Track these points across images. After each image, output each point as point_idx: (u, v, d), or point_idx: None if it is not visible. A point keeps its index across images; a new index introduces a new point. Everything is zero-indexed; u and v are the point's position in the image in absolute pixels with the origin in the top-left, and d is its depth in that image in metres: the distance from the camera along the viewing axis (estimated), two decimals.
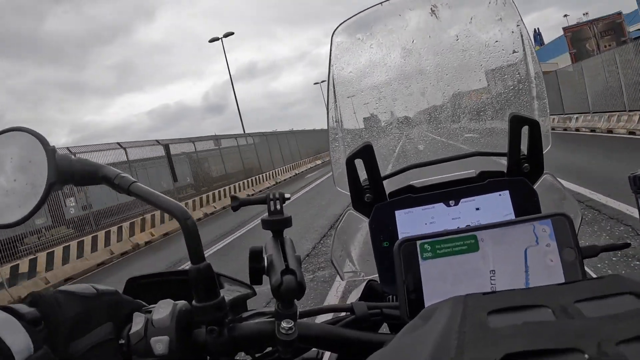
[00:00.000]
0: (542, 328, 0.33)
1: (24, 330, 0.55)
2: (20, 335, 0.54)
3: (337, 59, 1.06)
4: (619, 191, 5.86)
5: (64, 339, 0.59)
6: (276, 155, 29.50)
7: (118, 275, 9.29)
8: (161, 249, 11.68)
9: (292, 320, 0.61)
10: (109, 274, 10.10)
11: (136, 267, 10.04)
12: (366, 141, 0.96)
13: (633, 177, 0.66)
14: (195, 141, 20.70)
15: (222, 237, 10.70)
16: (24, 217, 0.67)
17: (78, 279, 10.27)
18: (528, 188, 0.91)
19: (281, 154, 30.71)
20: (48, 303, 0.59)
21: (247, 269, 0.63)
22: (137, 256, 11.73)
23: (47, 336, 0.57)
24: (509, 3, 1.00)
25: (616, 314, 0.33)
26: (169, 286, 0.83)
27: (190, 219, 0.63)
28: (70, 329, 0.60)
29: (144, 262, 10.54)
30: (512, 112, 0.93)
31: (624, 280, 0.40)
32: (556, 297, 0.38)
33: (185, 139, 20.07)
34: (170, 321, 0.62)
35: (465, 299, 0.43)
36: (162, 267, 8.83)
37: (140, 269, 9.60)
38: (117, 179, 0.68)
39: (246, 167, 24.56)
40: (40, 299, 0.60)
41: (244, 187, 21.52)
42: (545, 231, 0.61)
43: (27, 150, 0.68)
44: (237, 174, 23.36)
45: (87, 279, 10.11)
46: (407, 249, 0.62)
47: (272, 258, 0.63)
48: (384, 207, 0.94)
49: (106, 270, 10.73)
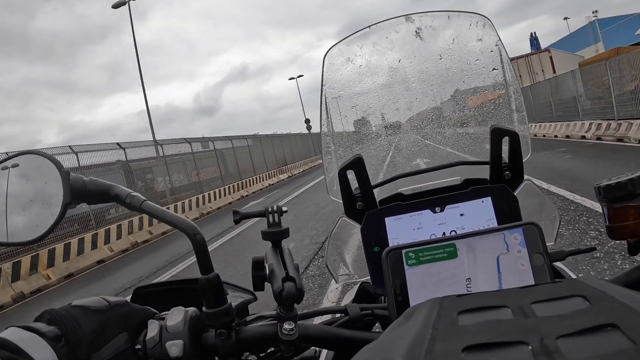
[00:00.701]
0: (500, 325, 0.40)
1: (49, 347, 0.60)
2: (47, 352, 0.59)
3: (329, 79, 1.13)
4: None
5: (85, 353, 0.64)
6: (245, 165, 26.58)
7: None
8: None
9: (292, 322, 0.68)
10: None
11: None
12: (357, 154, 1.03)
13: (598, 187, 0.70)
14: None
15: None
16: (41, 236, 0.73)
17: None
18: (509, 194, 0.98)
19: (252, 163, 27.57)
20: (66, 320, 0.64)
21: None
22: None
23: (68, 352, 0.62)
24: (488, 25, 1.07)
25: (563, 314, 0.39)
26: (173, 294, 0.90)
27: (200, 234, 0.69)
28: (89, 343, 0.65)
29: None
30: (493, 124, 0.99)
31: (578, 284, 0.46)
32: (517, 299, 0.45)
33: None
34: (183, 326, 0.69)
35: (441, 300, 0.50)
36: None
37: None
38: (128, 198, 0.73)
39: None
40: (58, 316, 0.64)
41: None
42: (517, 239, 0.68)
43: (42, 173, 0.74)
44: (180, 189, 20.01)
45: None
46: (394, 257, 0.70)
47: (272, 267, 0.70)
48: (375, 214, 1.01)
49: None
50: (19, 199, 0.74)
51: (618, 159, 10.03)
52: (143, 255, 11.57)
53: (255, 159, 28.11)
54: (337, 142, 1.19)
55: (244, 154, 26.96)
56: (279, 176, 29.62)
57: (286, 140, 37.29)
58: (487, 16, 1.06)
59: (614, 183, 0.68)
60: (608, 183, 0.68)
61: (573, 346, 0.34)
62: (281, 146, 35.02)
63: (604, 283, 0.47)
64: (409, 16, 1.10)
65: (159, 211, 0.73)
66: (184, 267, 8.54)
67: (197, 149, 22.80)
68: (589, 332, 0.35)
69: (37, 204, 0.74)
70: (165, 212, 0.73)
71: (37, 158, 0.75)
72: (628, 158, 9.96)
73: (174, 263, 9.16)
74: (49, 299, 8.93)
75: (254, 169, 26.89)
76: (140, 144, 17.91)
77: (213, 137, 24.95)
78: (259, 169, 28.02)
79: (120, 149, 16.17)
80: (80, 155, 13.81)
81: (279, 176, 29.62)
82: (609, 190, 0.68)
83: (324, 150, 1.17)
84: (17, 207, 0.74)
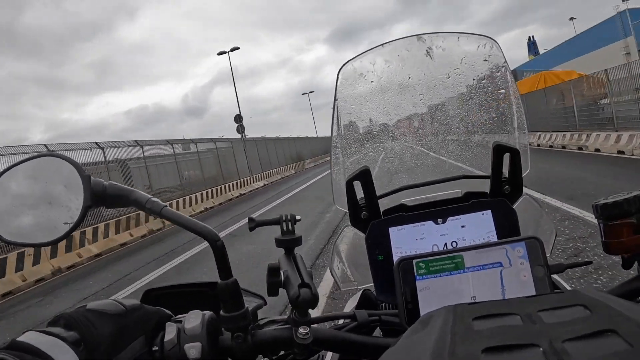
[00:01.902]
0: (512, 330, 0.45)
1: (71, 351, 0.62)
2: (69, 356, 0.61)
3: (342, 93, 1.18)
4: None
5: (105, 358, 0.66)
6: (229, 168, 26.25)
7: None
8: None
9: (307, 326, 0.72)
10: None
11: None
12: (364, 165, 1.08)
13: (596, 205, 0.75)
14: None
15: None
16: (60, 237, 0.75)
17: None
18: (508, 208, 1.03)
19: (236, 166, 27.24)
20: (83, 325, 0.66)
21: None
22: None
23: (88, 356, 0.64)
24: (495, 47, 1.14)
25: (566, 321, 0.45)
26: (183, 297, 0.93)
27: (220, 241, 0.72)
28: (108, 347, 0.66)
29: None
30: (496, 141, 1.05)
31: (579, 295, 0.52)
32: (524, 307, 0.51)
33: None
34: (201, 329, 0.71)
35: (455, 308, 0.55)
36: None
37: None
38: (148, 203, 0.75)
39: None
40: (74, 321, 0.66)
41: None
42: (520, 252, 0.75)
43: (62, 175, 0.75)
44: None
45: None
46: (405, 267, 0.75)
47: (287, 273, 0.73)
48: (379, 224, 1.06)
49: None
50: (39, 201, 0.76)
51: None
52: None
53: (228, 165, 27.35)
54: (345, 154, 1.24)
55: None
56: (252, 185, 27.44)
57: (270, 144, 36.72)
58: (495, 39, 1.12)
59: (610, 202, 0.73)
60: (605, 202, 0.73)
61: (578, 348, 0.39)
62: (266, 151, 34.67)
63: (601, 294, 0.53)
64: (421, 36, 1.16)
65: (178, 217, 0.75)
66: (190, 255, 9.44)
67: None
68: (591, 337, 0.40)
69: (57, 207, 0.75)
70: (185, 218, 0.75)
71: (57, 161, 0.77)
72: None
73: (177, 251, 9.81)
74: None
75: (222, 177, 25.40)
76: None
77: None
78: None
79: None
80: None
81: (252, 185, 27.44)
82: (606, 208, 0.73)
83: (333, 162, 1.22)
84: (37, 208, 0.76)
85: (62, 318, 0.67)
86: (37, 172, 0.77)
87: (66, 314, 0.67)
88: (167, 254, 10.22)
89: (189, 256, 9.34)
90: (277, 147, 37.94)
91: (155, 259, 9.95)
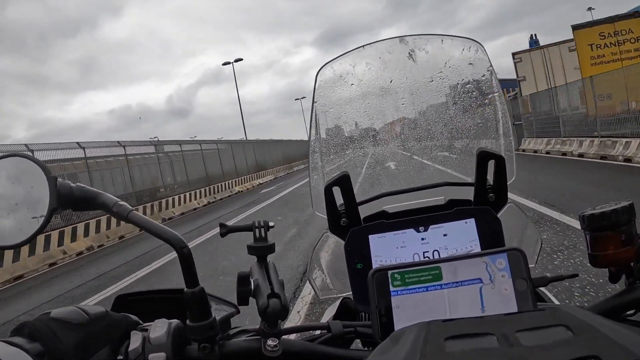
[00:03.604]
0: (486, 353, 0.44)
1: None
2: None
3: (321, 96, 1.18)
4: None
5: None
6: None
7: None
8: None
9: (276, 338, 0.71)
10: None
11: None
12: (344, 171, 1.07)
13: (583, 216, 0.73)
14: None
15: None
16: (26, 240, 0.75)
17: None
18: (492, 216, 1.03)
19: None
20: (46, 336, 0.66)
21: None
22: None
23: None
24: (480, 50, 1.14)
25: (546, 344, 0.43)
26: (156, 303, 0.92)
27: (186, 247, 0.72)
28: (72, 359, 0.66)
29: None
30: (480, 148, 1.05)
31: (561, 313, 0.51)
32: (502, 327, 0.50)
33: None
34: (166, 339, 0.71)
35: (428, 325, 0.54)
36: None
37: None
38: (115, 207, 0.75)
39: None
40: (38, 332, 0.66)
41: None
42: (501, 264, 0.72)
43: (29, 177, 0.75)
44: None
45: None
46: (379, 278, 0.73)
47: (258, 282, 0.73)
48: (359, 231, 1.05)
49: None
50: (5, 202, 0.76)
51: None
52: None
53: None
54: (324, 158, 1.24)
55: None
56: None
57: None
58: (479, 42, 1.12)
59: (598, 213, 0.71)
60: (592, 212, 0.72)
61: None
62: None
63: (584, 312, 0.51)
64: (403, 38, 1.16)
65: (145, 222, 0.75)
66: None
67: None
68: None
69: (23, 208, 0.75)
70: (151, 223, 0.75)
71: (24, 161, 0.77)
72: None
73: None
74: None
75: (188, 183, 23.92)
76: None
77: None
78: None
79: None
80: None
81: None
82: (593, 219, 0.71)
83: (312, 167, 1.22)
84: (2, 210, 0.76)
85: (26, 327, 0.67)
86: (3, 172, 0.77)
87: (30, 323, 0.67)
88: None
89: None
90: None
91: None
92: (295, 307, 5.30)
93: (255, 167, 33.29)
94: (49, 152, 14.15)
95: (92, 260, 11.71)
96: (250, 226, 0.79)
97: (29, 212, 0.75)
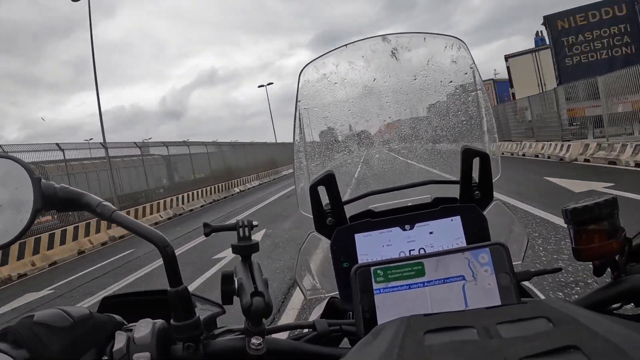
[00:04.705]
0: (465, 346, 0.45)
1: None
2: None
3: (304, 95, 1.20)
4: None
5: None
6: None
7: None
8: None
9: (260, 336, 0.73)
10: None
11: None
12: (329, 170, 1.09)
13: (566, 210, 0.75)
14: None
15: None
16: (10, 241, 0.76)
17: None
18: (478, 214, 1.05)
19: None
20: (31, 342, 0.67)
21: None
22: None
23: None
24: (463, 47, 1.16)
25: (527, 336, 0.44)
26: (142, 304, 0.93)
27: (170, 247, 0.74)
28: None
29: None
30: (464, 145, 1.07)
31: (542, 306, 0.52)
32: (482, 320, 0.51)
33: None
34: (151, 338, 0.72)
35: (409, 320, 0.56)
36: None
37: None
38: (99, 207, 0.77)
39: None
40: (22, 337, 0.67)
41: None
42: (484, 258, 0.74)
43: (13, 177, 0.76)
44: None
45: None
46: (362, 274, 0.75)
47: (242, 281, 0.74)
48: (345, 230, 1.07)
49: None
50: None
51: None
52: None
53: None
54: (309, 157, 1.25)
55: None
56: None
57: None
58: (462, 39, 1.14)
59: (580, 206, 0.72)
60: (575, 206, 0.73)
61: None
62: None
63: (567, 305, 0.53)
64: (386, 36, 1.18)
65: (129, 222, 0.77)
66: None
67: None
68: (553, 354, 0.39)
69: (6, 209, 0.76)
70: (135, 223, 0.77)
71: (7, 162, 0.78)
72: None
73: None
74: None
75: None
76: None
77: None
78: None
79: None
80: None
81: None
82: (576, 213, 0.73)
83: (296, 166, 1.23)
84: None
85: (10, 333, 0.68)
86: None
87: (13, 328, 0.68)
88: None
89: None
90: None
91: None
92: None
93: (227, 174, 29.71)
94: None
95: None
96: (234, 225, 0.81)
97: (13, 213, 0.76)
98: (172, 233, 13.68)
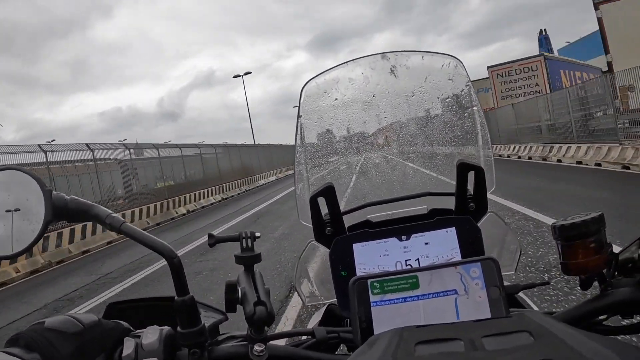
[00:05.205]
0: (451, 358, 0.49)
1: None
2: None
3: (305, 110, 1.24)
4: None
5: None
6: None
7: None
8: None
9: (263, 343, 0.77)
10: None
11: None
12: (328, 182, 1.13)
13: (554, 227, 0.79)
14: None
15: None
16: (22, 250, 0.79)
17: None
18: (473, 225, 1.09)
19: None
20: (43, 346, 0.70)
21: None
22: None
23: None
24: (459, 66, 1.21)
25: (508, 348, 0.49)
26: (147, 311, 0.97)
27: (177, 257, 0.78)
28: None
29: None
30: (460, 159, 1.11)
31: (525, 320, 0.56)
32: (470, 332, 0.55)
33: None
34: (158, 345, 0.76)
35: (402, 331, 0.60)
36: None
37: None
38: (108, 219, 0.80)
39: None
40: (34, 342, 0.70)
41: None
42: (475, 272, 0.78)
43: (24, 189, 0.80)
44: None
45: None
46: (360, 286, 0.79)
47: (245, 290, 0.79)
48: (343, 240, 1.11)
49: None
50: (1, 213, 0.80)
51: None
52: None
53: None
54: (309, 170, 1.30)
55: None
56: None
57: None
58: (458, 58, 1.19)
59: (568, 224, 0.76)
60: (563, 223, 0.77)
61: None
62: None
63: (548, 319, 0.57)
64: (385, 54, 1.23)
65: (137, 233, 0.80)
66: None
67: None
68: None
69: (18, 220, 0.80)
70: (143, 234, 0.80)
71: (19, 174, 0.81)
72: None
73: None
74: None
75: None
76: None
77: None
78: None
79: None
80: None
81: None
82: (564, 230, 0.76)
83: (297, 178, 1.28)
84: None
85: (22, 338, 0.71)
86: (0, 185, 0.81)
87: (25, 334, 0.71)
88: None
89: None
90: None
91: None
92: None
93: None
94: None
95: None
96: (237, 237, 0.85)
97: (24, 224, 0.79)
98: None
